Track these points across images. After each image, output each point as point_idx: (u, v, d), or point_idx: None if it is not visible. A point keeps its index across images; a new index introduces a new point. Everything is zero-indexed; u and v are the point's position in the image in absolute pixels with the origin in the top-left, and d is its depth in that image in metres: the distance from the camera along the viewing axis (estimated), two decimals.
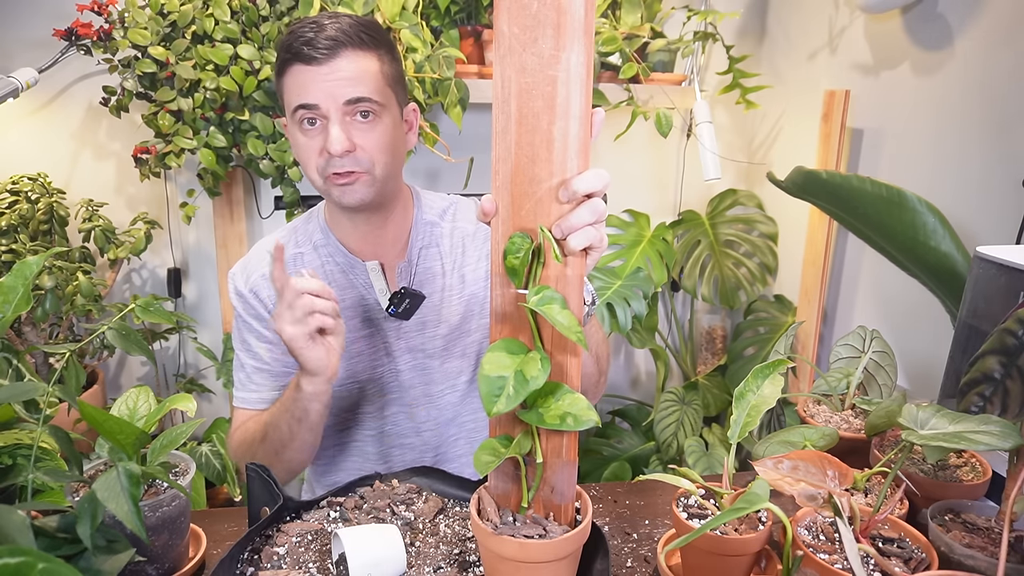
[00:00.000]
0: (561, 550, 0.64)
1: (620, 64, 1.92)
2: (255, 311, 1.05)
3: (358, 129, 0.95)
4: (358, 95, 0.93)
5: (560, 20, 0.57)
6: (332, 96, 0.92)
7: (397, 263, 1.08)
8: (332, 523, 0.81)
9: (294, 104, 0.94)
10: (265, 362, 1.06)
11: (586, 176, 0.60)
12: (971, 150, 1.41)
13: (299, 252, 1.08)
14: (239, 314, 1.07)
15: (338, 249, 1.06)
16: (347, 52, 0.93)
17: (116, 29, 1.66)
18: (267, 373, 1.06)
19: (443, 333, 1.08)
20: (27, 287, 0.66)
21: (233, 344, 1.10)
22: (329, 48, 0.91)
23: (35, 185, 1.77)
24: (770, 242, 2.17)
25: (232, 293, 1.07)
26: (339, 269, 1.06)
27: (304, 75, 0.92)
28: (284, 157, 1.79)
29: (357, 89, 0.93)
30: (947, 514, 0.77)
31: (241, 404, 1.07)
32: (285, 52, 0.93)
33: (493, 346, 0.62)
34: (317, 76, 0.92)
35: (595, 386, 1.05)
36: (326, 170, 0.96)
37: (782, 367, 0.76)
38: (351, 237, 1.06)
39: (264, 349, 1.06)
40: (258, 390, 1.06)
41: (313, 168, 0.97)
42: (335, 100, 0.93)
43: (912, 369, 1.53)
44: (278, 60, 0.96)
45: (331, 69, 0.92)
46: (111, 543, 0.61)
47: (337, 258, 1.06)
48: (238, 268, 1.08)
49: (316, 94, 0.92)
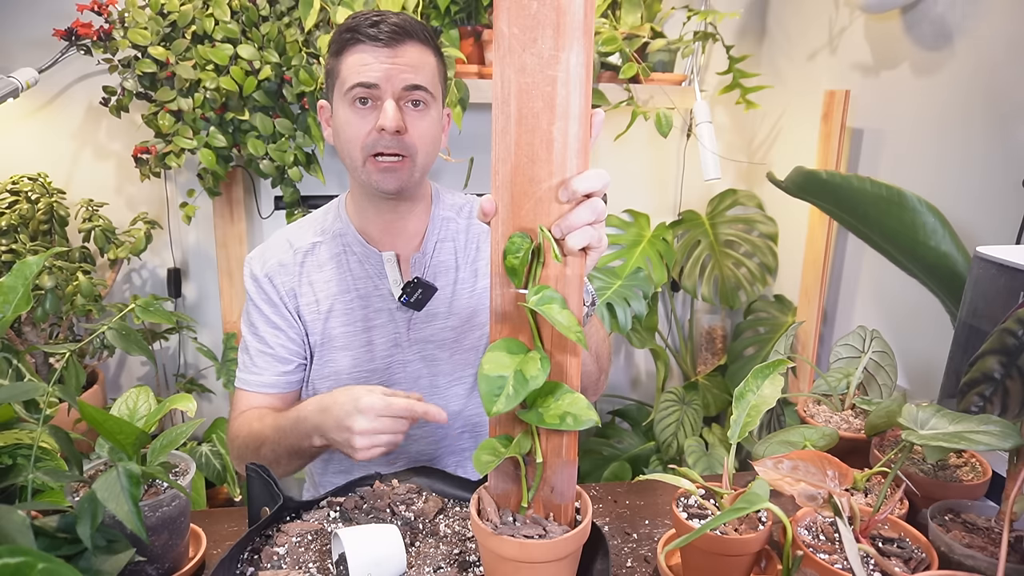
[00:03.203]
0: (561, 550, 0.64)
1: (620, 64, 1.92)
2: (267, 296, 1.08)
3: (409, 115, 0.98)
4: (416, 82, 0.97)
5: (560, 20, 0.57)
6: (392, 79, 0.96)
7: (412, 255, 1.10)
8: (332, 523, 0.81)
9: (353, 82, 0.96)
10: (270, 346, 1.08)
11: (586, 176, 0.60)
12: (971, 150, 1.41)
13: (317, 241, 1.10)
14: (251, 297, 1.09)
15: (356, 239, 1.08)
16: (410, 42, 0.97)
17: (116, 29, 1.67)
18: (271, 357, 1.08)
19: (453, 325, 1.10)
20: (27, 287, 0.66)
21: (241, 327, 1.12)
22: (395, 34, 0.96)
23: (35, 185, 1.77)
24: (770, 242, 2.17)
25: (247, 276, 1.09)
26: (356, 259, 1.08)
27: (368, 54, 0.96)
28: (284, 157, 1.79)
29: (417, 76, 0.97)
30: (947, 514, 0.77)
31: (242, 386, 1.09)
32: (348, 33, 0.97)
33: (493, 346, 0.62)
34: (380, 57, 0.95)
35: (595, 384, 1.07)
36: (373, 148, 0.98)
37: (782, 367, 0.76)
38: (372, 226, 1.08)
39: (271, 334, 1.08)
40: (260, 373, 1.08)
41: (358, 147, 0.99)
42: (393, 83, 0.96)
43: (912, 369, 1.53)
44: (338, 41, 0.98)
45: (395, 53, 0.96)
46: (111, 543, 0.61)
47: (355, 247, 1.08)
48: (256, 253, 1.11)
49: (378, 74, 0.95)
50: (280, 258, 1.09)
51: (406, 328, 1.08)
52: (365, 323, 1.08)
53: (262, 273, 1.08)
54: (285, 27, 1.73)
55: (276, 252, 1.10)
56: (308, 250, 1.09)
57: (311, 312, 1.08)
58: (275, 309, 1.08)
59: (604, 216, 0.64)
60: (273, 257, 1.09)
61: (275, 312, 1.08)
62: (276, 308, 1.08)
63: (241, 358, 1.10)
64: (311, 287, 1.08)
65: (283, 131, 1.79)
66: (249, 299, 1.10)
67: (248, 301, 1.10)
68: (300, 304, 1.08)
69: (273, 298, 1.08)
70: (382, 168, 0.99)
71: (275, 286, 1.08)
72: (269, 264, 1.09)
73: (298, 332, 1.09)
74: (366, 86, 0.96)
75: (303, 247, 1.09)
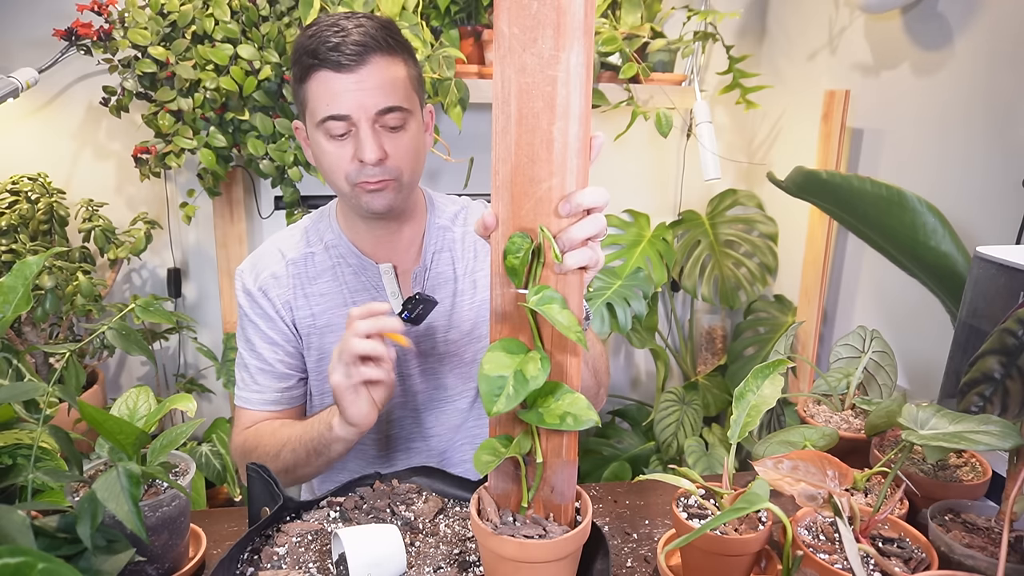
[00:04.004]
0: (561, 550, 0.64)
1: (620, 64, 1.92)
2: (262, 310, 1.04)
3: (387, 137, 0.94)
4: (389, 104, 0.91)
5: (560, 20, 0.57)
6: (363, 106, 0.90)
7: (413, 268, 1.07)
8: (332, 523, 0.81)
9: (323, 115, 0.91)
10: (268, 363, 1.05)
11: (588, 191, 0.61)
12: (971, 150, 1.41)
13: (310, 252, 1.06)
14: (245, 312, 1.05)
15: (350, 250, 1.05)
16: (375, 58, 0.90)
17: (116, 29, 1.67)
18: (270, 374, 1.05)
19: (453, 339, 1.08)
20: (27, 287, 0.66)
21: (237, 342, 1.08)
22: (357, 54, 0.89)
23: (35, 185, 1.77)
24: (770, 242, 2.17)
25: (239, 290, 1.05)
26: (351, 271, 1.05)
27: (333, 83, 0.90)
28: (284, 157, 1.79)
29: (388, 98, 0.91)
30: (947, 514, 0.77)
31: (244, 404, 1.06)
32: (310, 57, 0.90)
33: (493, 346, 0.62)
34: (348, 85, 0.89)
35: (594, 398, 1.03)
36: (357, 178, 0.94)
37: (782, 367, 0.76)
38: (365, 240, 1.05)
39: (268, 350, 1.04)
40: (261, 391, 1.05)
41: (341, 176, 0.95)
42: (367, 110, 0.91)
43: (912, 369, 1.53)
44: (300, 65, 0.92)
45: (361, 77, 0.90)
46: (111, 543, 0.61)
47: (350, 259, 1.05)
48: (247, 265, 1.07)
49: (347, 104, 0.90)
50: (273, 270, 1.04)
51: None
52: None
53: (255, 287, 1.04)
54: (285, 27, 1.73)
55: (268, 263, 1.05)
56: (302, 261, 1.05)
57: (307, 326, 1.04)
58: (271, 324, 1.04)
59: (605, 233, 0.63)
60: (266, 269, 1.05)
61: (271, 327, 1.04)
62: (272, 322, 1.04)
63: (240, 375, 1.07)
64: (307, 299, 1.04)
65: (283, 131, 1.79)
66: (243, 314, 1.06)
67: (242, 316, 1.06)
68: (296, 318, 1.04)
69: (268, 312, 1.04)
70: (369, 190, 0.95)
71: (270, 299, 1.04)
72: (262, 277, 1.04)
73: (296, 346, 1.05)
74: (338, 118, 0.91)
75: (296, 258, 1.05)
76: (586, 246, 0.62)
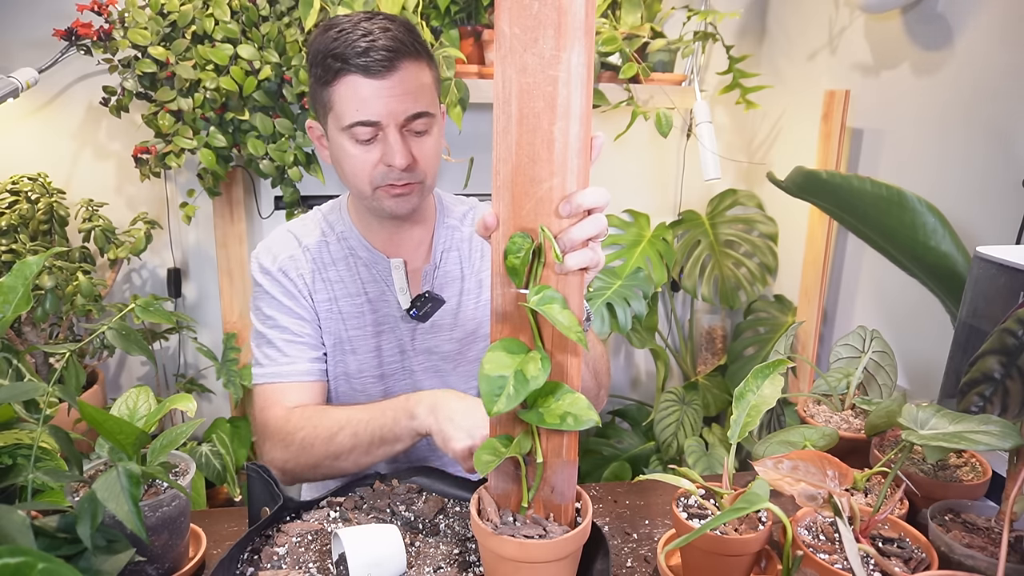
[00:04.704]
0: (561, 550, 0.64)
1: (620, 64, 1.92)
2: (284, 288, 1.03)
3: (414, 142, 0.94)
4: (418, 110, 0.92)
5: (561, 20, 0.57)
6: (393, 113, 0.90)
7: (423, 266, 1.07)
8: (332, 523, 0.81)
9: (351, 120, 0.91)
10: (298, 335, 1.03)
11: (589, 191, 0.61)
12: (971, 150, 1.41)
13: (324, 240, 1.06)
14: (266, 290, 1.03)
15: (361, 243, 1.06)
16: (405, 64, 0.90)
17: (116, 29, 1.67)
18: (301, 344, 1.02)
19: (457, 337, 1.09)
20: (27, 287, 0.66)
21: (253, 320, 1.05)
22: (388, 60, 0.88)
23: (35, 185, 1.77)
24: (770, 242, 2.17)
25: (257, 271, 1.04)
26: (362, 263, 1.06)
27: (363, 88, 0.89)
28: (284, 157, 1.79)
29: (417, 104, 0.91)
30: (947, 514, 0.77)
31: (273, 379, 1.01)
32: (336, 61, 0.89)
33: (493, 346, 0.62)
34: (379, 91, 0.89)
35: (595, 400, 1.03)
36: (382, 181, 0.94)
37: (782, 367, 0.76)
38: (377, 236, 1.06)
39: (295, 323, 1.03)
40: (292, 362, 1.01)
41: (365, 180, 0.95)
42: (396, 116, 0.91)
43: (912, 369, 1.52)
44: (324, 67, 0.90)
45: (391, 83, 0.89)
46: (111, 543, 0.61)
47: (360, 252, 1.06)
48: (262, 249, 1.06)
49: (377, 110, 0.90)
50: (290, 252, 1.04)
51: (411, 337, 1.07)
52: (375, 327, 1.06)
53: (275, 267, 1.03)
54: (285, 27, 1.73)
55: (284, 247, 1.05)
56: (316, 248, 1.05)
57: (326, 309, 1.04)
58: (295, 301, 1.03)
59: (606, 233, 0.63)
60: (283, 251, 1.04)
61: (296, 303, 1.03)
62: (296, 300, 1.03)
63: (262, 353, 1.02)
64: (325, 284, 1.04)
65: (283, 131, 1.79)
66: (263, 293, 1.03)
67: (260, 296, 1.04)
68: (316, 301, 1.04)
69: (291, 290, 1.03)
70: (394, 195, 0.95)
71: (291, 279, 1.03)
72: (280, 258, 1.04)
73: (318, 325, 1.04)
74: (367, 124, 0.91)
75: (311, 244, 1.05)
76: (587, 247, 0.62)
